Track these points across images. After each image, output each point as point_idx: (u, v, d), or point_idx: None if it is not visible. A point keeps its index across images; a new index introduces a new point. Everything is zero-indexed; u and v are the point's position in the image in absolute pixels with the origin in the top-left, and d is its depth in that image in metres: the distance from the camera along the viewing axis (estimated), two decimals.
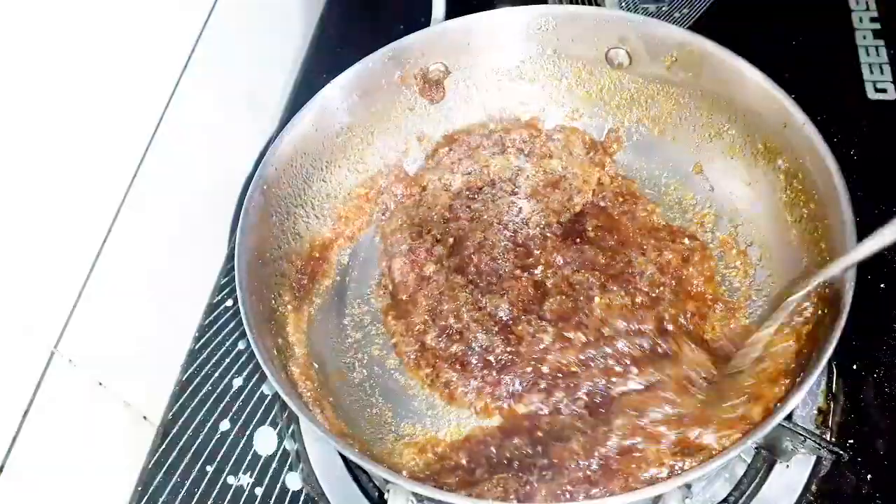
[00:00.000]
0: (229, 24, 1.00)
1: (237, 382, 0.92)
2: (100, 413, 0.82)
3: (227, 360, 0.93)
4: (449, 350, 0.82)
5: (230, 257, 0.99)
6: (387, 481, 0.64)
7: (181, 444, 0.88)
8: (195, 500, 0.84)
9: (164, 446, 0.88)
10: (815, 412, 0.81)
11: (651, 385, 0.75)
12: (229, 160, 1.03)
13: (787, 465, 0.77)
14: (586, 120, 0.98)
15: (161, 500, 0.84)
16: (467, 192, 0.94)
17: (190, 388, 0.92)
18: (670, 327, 0.80)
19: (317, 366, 0.83)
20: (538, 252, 0.87)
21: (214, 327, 0.96)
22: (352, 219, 0.94)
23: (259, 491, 0.84)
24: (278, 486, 0.84)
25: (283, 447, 0.87)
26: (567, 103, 0.98)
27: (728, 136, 0.88)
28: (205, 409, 0.90)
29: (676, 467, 0.69)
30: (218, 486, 0.85)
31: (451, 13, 0.95)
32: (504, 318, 0.83)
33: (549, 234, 0.89)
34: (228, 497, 0.84)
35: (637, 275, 0.84)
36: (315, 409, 0.76)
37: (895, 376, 0.83)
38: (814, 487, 0.77)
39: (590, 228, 0.89)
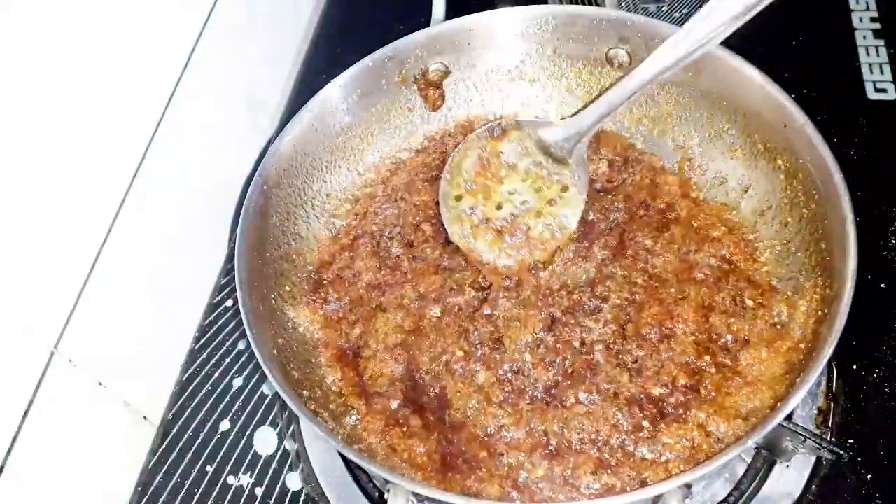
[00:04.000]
0: (229, 24, 1.00)
1: (237, 382, 0.92)
2: (100, 413, 0.82)
3: (227, 360, 0.93)
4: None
5: (230, 257, 0.99)
6: (387, 481, 0.64)
7: (181, 444, 0.88)
8: (195, 500, 0.84)
9: (164, 446, 0.88)
10: (815, 412, 0.81)
11: None
12: (229, 160, 1.03)
13: (787, 465, 0.77)
14: None
15: (161, 500, 0.84)
16: None
17: (190, 388, 0.92)
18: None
19: None
20: None
21: (214, 327, 0.96)
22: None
23: (259, 491, 0.84)
24: (278, 486, 0.84)
25: (283, 447, 0.87)
26: (567, 103, 0.98)
27: (728, 136, 0.87)
28: (205, 409, 0.90)
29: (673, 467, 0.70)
30: (218, 486, 0.85)
31: (451, 13, 0.95)
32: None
33: None
34: (228, 497, 0.84)
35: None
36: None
37: (895, 376, 0.83)
38: (814, 487, 0.77)
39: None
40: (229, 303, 0.98)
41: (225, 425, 0.89)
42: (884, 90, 1.05)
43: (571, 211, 0.85)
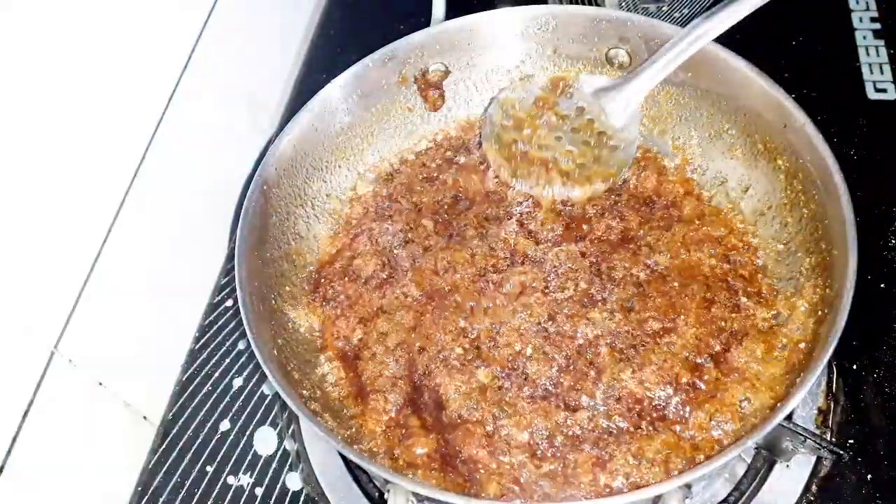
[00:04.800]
0: (229, 24, 1.00)
1: (237, 382, 0.92)
2: (100, 413, 0.82)
3: (227, 360, 0.93)
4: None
5: (230, 257, 0.99)
6: (387, 481, 0.64)
7: (181, 444, 0.88)
8: (195, 500, 0.84)
9: (164, 446, 0.88)
10: (815, 412, 0.81)
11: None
12: (229, 160, 1.03)
13: (787, 465, 0.77)
14: None
15: (161, 500, 0.84)
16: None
17: (190, 388, 0.92)
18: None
19: None
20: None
21: (214, 327, 0.96)
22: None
23: (259, 491, 0.84)
24: (278, 486, 0.84)
25: (283, 447, 0.87)
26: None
27: (728, 136, 0.88)
28: (205, 409, 0.90)
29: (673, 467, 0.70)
30: (218, 486, 0.85)
31: (451, 13, 0.95)
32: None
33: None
34: (228, 497, 0.84)
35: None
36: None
37: (895, 376, 0.83)
38: (814, 487, 0.77)
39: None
40: (229, 303, 0.98)
41: (225, 425, 0.89)
42: (884, 90, 1.05)
43: (616, 167, 0.85)
